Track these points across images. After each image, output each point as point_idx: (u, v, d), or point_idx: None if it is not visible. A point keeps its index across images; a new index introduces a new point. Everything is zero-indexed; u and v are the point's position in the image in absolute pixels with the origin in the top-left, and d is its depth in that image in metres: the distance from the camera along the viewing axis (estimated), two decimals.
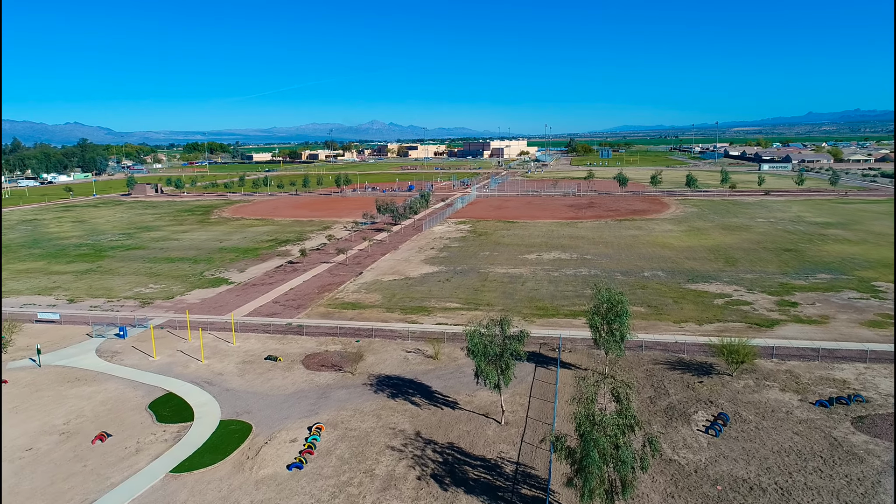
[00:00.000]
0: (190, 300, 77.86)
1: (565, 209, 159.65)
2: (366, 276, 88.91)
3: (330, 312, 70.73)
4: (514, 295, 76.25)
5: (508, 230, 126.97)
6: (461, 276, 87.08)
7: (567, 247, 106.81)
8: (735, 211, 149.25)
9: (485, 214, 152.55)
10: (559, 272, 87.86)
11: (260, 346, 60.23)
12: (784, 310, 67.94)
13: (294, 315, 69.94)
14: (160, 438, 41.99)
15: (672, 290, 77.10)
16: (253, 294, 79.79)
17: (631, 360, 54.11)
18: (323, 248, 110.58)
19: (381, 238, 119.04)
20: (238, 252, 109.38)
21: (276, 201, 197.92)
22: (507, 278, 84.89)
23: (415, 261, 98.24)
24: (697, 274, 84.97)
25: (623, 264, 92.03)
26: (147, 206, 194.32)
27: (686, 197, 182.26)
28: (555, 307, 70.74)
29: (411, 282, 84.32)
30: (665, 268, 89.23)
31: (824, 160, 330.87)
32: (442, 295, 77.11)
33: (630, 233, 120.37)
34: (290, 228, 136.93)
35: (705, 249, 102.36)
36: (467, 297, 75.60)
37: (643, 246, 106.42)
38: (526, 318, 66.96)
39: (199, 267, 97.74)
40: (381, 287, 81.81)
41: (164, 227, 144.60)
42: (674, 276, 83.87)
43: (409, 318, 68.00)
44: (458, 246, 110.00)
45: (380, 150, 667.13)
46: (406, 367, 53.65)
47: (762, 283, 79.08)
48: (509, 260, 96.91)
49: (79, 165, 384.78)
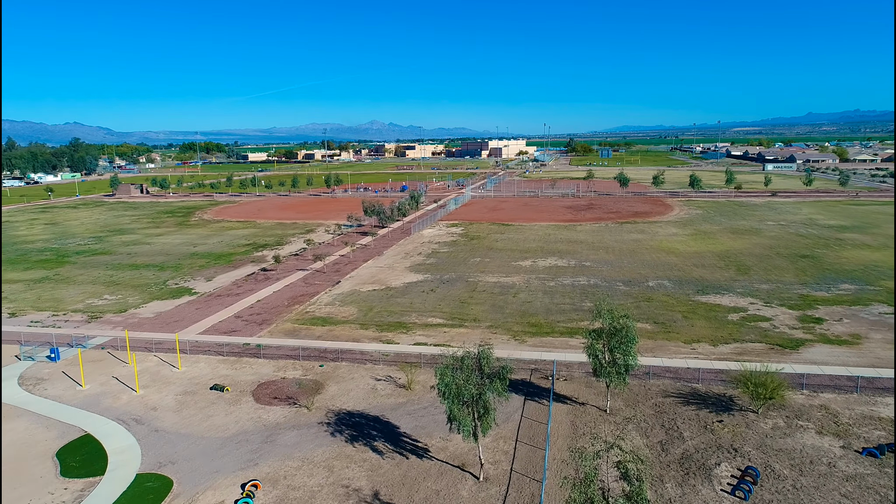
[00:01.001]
0: (143, 314, 69.94)
1: (563, 211, 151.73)
2: (343, 285, 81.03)
3: (296, 329, 62.83)
4: (505, 308, 68.38)
5: (502, 234, 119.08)
6: (448, 285, 79.22)
7: (564, 252, 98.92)
8: (742, 213, 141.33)
9: (478, 216, 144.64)
10: (555, 281, 79.99)
11: (209, 371, 52.35)
12: (808, 327, 60.06)
13: (255, 332, 62.05)
14: (58, 500, 34.07)
15: (681, 303, 69.23)
16: (215, 307, 71.89)
17: (637, 390, 46.25)
18: (302, 253, 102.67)
19: (365, 242, 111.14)
20: (210, 258, 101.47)
21: (262, 202, 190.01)
22: (499, 288, 77.03)
23: (399, 268, 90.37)
24: (708, 284, 77.11)
25: (625, 272, 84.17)
26: (129, 207, 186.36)
27: (690, 198, 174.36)
28: (549, 323, 62.85)
29: (392, 292, 76.46)
30: (671, 276, 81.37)
31: (830, 160, 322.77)
32: (424, 308, 69.24)
33: (632, 237, 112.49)
34: (271, 232, 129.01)
35: (714, 255, 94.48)
36: (452, 311, 67.72)
37: (647, 251, 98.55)
38: (516, 336, 59.10)
39: (165, 275, 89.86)
40: (358, 299, 73.94)
41: (140, 229, 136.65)
42: (682, 287, 76.02)
43: (384, 336, 60.11)
44: (448, 251, 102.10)
45: (377, 150, 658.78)
46: (373, 400, 45.76)
47: (780, 295, 71.19)
48: (501, 267, 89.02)
49: (68, 165, 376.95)
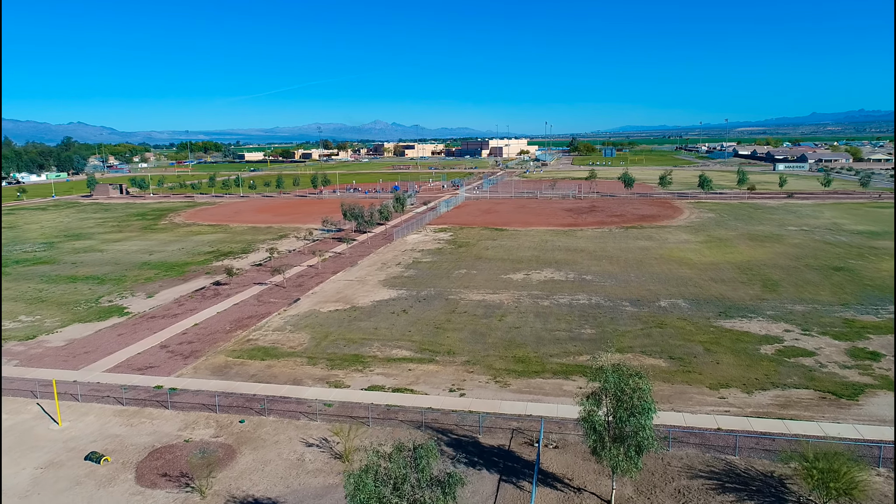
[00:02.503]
0: (53, 342, 58.16)
1: (563, 214, 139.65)
2: (303, 303, 69.23)
3: (228, 365, 51.04)
4: (487, 336, 56.47)
5: (494, 240, 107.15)
6: (424, 304, 67.36)
7: (562, 263, 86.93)
8: (759, 216, 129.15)
9: (470, 220, 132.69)
10: (550, 300, 68.05)
11: (96, 428, 40.58)
12: (864, 365, 48.06)
13: (176, 369, 50.28)
14: None
15: (700, 329, 57.23)
16: (142, 332, 60.11)
17: (652, 467, 34.36)
18: (266, 263, 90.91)
19: (340, 250, 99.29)
20: (162, 269, 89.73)
21: (242, 204, 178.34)
22: (483, 309, 65.15)
23: (371, 282, 78.52)
24: (730, 304, 65.08)
25: (632, 289, 72.17)
26: (100, 209, 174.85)
27: (700, 200, 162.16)
28: (540, 358, 50.92)
29: (357, 314, 64.61)
30: (687, 294, 69.36)
31: (843, 160, 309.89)
32: (390, 335, 57.38)
33: (639, 244, 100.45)
34: (240, 237, 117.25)
35: (733, 267, 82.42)
36: (423, 340, 55.83)
37: (656, 262, 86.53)
38: (497, 376, 47.22)
39: (103, 289, 78.18)
40: (314, 322, 62.11)
41: (100, 234, 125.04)
42: (700, 308, 64.02)
43: (333, 375, 48.28)
44: (430, 261, 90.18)
45: (376, 150, 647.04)
46: (295, 481, 33.89)
47: (820, 320, 59.15)
48: (489, 281, 77.10)
49: (55, 164, 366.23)
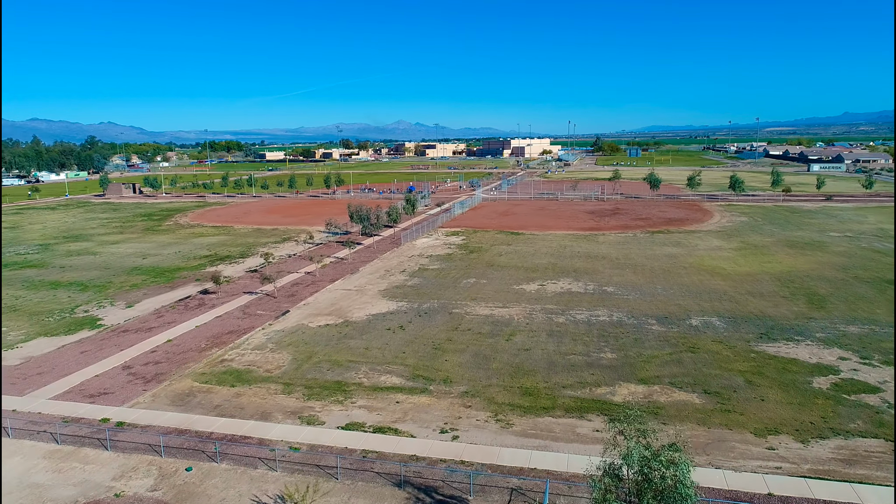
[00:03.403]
0: (8, 360, 52.34)
1: (584, 217, 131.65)
2: (291, 316, 62.80)
3: (192, 392, 44.67)
4: (492, 360, 49.34)
5: (509, 245, 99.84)
6: (424, 319, 60.46)
7: (582, 272, 79.37)
8: (797, 221, 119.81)
9: (485, 223, 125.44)
10: (566, 316, 60.63)
11: (19, 473, 34.34)
12: None
13: (133, 396, 44.04)
14: None
15: (739, 354, 49.42)
16: (108, 349, 54.15)
17: None
18: (262, 269, 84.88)
19: (342, 255, 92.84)
20: (151, 274, 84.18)
21: (252, 204, 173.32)
22: (490, 325, 58.03)
23: (370, 292, 71.87)
24: (772, 323, 57.03)
25: (659, 303, 64.39)
26: (109, 208, 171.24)
27: (731, 202, 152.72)
28: (551, 389, 43.67)
29: (349, 330, 57.95)
30: (722, 311, 61.40)
31: (882, 160, 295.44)
32: (382, 357, 50.58)
33: (666, 251, 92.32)
34: (242, 240, 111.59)
35: (773, 278, 74.10)
36: (418, 364, 48.92)
37: (685, 271, 78.50)
38: (499, 413, 40.11)
39: (83, 297, 72.72)
40: (300, 339, 55.58)
41: (99, 235, 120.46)
42: (737, 327, 56.10)
43: (308, 409, 41.60)
44: (438, 268, 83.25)
45: (397, 150, 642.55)
46: None
47: (881, 345, 50.89)
48: (499, 293, 69.91)
49: (76, 163, 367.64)
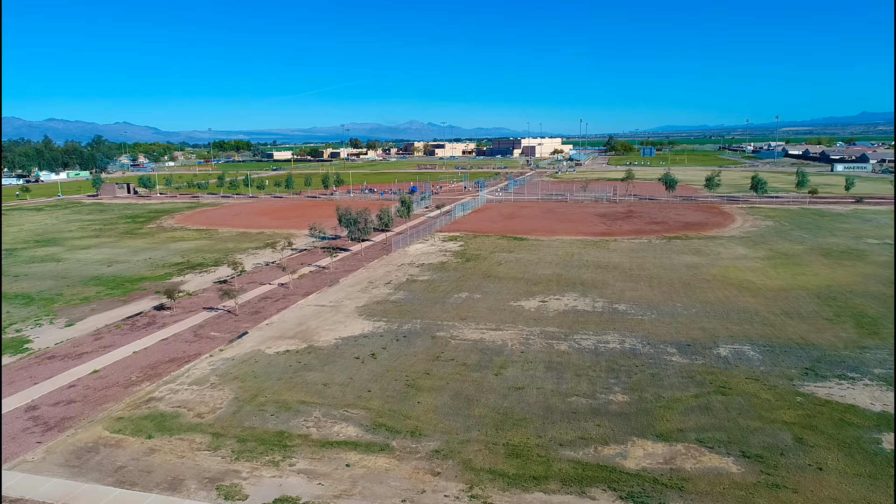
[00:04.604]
0: None
1: (595, 220, 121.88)
2: (249, 339, 53.89)
3: (97, 446, 35.76)
4: (475, 402, 40.05)
5: (511, 252, 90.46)
6: (402, 345, 51.30)
7: (589, 285, 69.85)
8: (828, 226, 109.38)
9: (487, 226, 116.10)
10: (569, 342, 51.20)
11: None
12: None
13: (20, 452, 35.16)
14: None
15: (782, 398, 39.73)
16: (21, 382, 45.38)
17: None
18: (231, 280, 76.15)
19: (324, 264, 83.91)
20: (109, 285, 75.76)
21: (246, 205, 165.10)
22: (478, 354, 48.76)
23: (347, 308, 62.81)
24: (818, 354, 47.25)
25: (679, 326, 54.76)
26: (96, 210, 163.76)
27: (753, 205, 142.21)
28: (545, 447, 34.25)
29: (310, 358, 48.91)
30: (754, 336, 51.67)
31: None
32: (341, 397, 41.45)
33: (685, 260, 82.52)
34: (222, 245, 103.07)
35: (811, 295, 64.17)
36: (383, 409, 39.72)
37: (708, 285, 68.73)
38: (475, 484, 30.80)
39: (24, 312, 64.30)
40: (249, 371, 46.61)
41: (73, 239, 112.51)
42: (776, 359, 46.39)
43: (233, 472, 32.54)
44: (428, 280, 74.08)
45: (406, 149, 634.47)
46: None
47: None
48: (493, 311, 60.58)
49: (78, 163, 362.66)
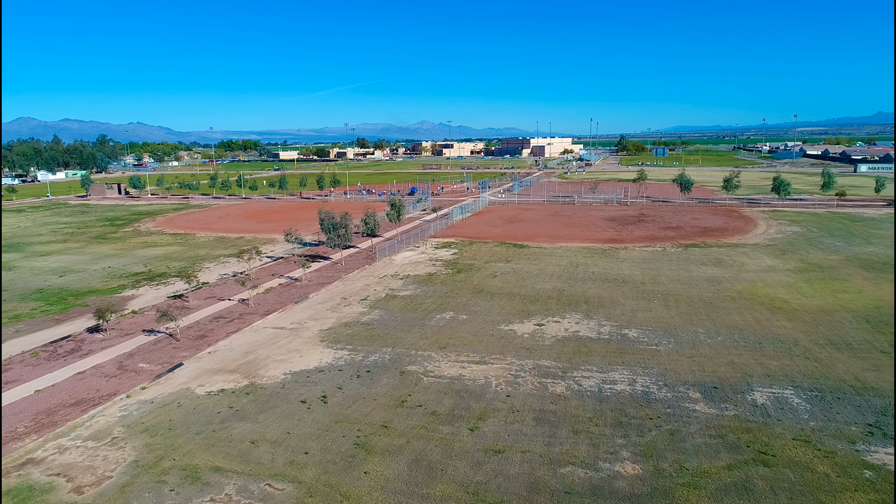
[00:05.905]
0: None
1: (603, 225, 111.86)
2: (181, 373, 44.65)
3: None
4: (439, 475, 30.49)
5: (508, 261, 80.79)
6: (362, 384, 41.81)
7: (595, 304, 60.01)
8: (862, 232, 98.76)
9: (486, 232, 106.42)
10: (567, 382, 41.47)
11: None
12: None
13: None
14: None
15: (844, 473, 29.82)
16: None
17: None
18: (186, 295, 67.05)
19: (297, 275, 74.65)
20: (50, 300, 66.93)
21: (235, 207, 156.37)
22: (452, 398, 39.18)
23: (309, 332, 53.43)
24: (881, 403, 37.15)
25: (703, 360, 44.81)
26: (78, 211, 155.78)
27: (776, 208, 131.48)
28: None
29: (247, 401, 39.52)
30: (797, 375, 41.66)
31: None
32: (270, 463, 32.00)
33: (705, 272, 72.45)
34: (193, 252, 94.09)
35: (857, 318, 53.99)
36: (315, 485, 30.19)
37: (734, 305, 58.66)
38: None
39: None
40: (167, 419, 37.30)
41: (38, 245, 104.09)
42: (828, 410, 36.45)
43: None
44: (410, 295, 64.53)
45: (413, 149, 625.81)
46: None
47: None
48: (479, 337, 50.94)
49: (77, 162, 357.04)
